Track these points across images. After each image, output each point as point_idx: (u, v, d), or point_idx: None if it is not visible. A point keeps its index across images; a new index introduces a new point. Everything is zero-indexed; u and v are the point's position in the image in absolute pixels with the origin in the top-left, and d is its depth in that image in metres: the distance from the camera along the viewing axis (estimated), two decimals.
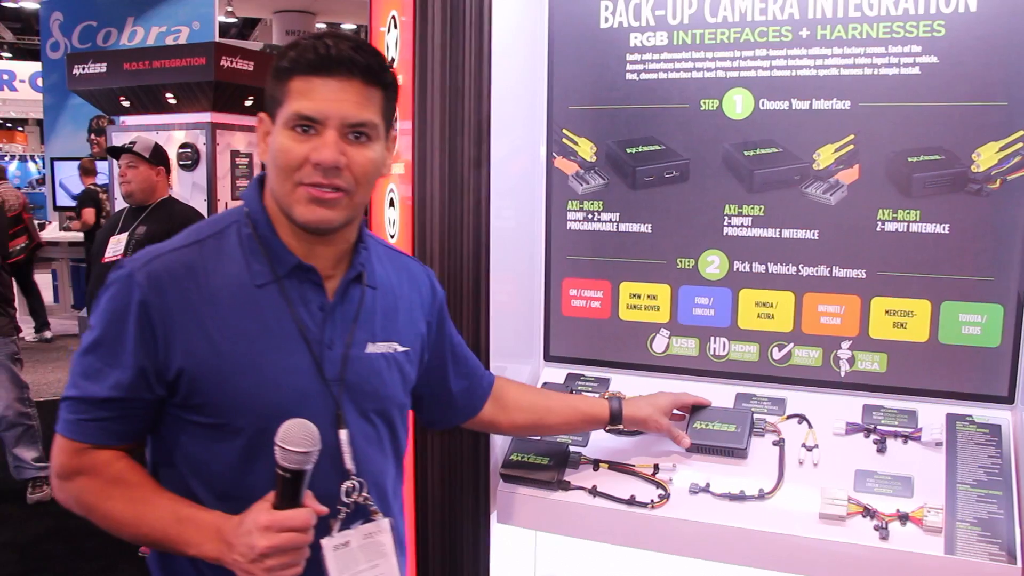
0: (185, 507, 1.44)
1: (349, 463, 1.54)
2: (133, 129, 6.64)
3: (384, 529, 1.59)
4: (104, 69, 6.64)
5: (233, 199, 6.75)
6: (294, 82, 1.45)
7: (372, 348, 1.61)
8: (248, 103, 6.81)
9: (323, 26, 20.11)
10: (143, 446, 1.57)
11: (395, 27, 2.23)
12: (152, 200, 4.48)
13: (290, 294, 1.51)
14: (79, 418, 1.47)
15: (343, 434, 1.53)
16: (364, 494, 1.56)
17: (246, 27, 22.00)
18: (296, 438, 1.33)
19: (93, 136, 8.93)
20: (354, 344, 1.57)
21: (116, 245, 4.36)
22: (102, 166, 8.94)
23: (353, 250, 1.61)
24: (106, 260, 4.36)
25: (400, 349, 1.66)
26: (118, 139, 6.66)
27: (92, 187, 9.07)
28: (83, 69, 6.72)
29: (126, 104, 6.70)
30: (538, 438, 2.17)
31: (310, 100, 1.44)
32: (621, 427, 2.06)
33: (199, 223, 1.59)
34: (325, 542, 1.48)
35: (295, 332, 1.51)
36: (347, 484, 1.54)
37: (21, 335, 5.37)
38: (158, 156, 4.47)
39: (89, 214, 8.52)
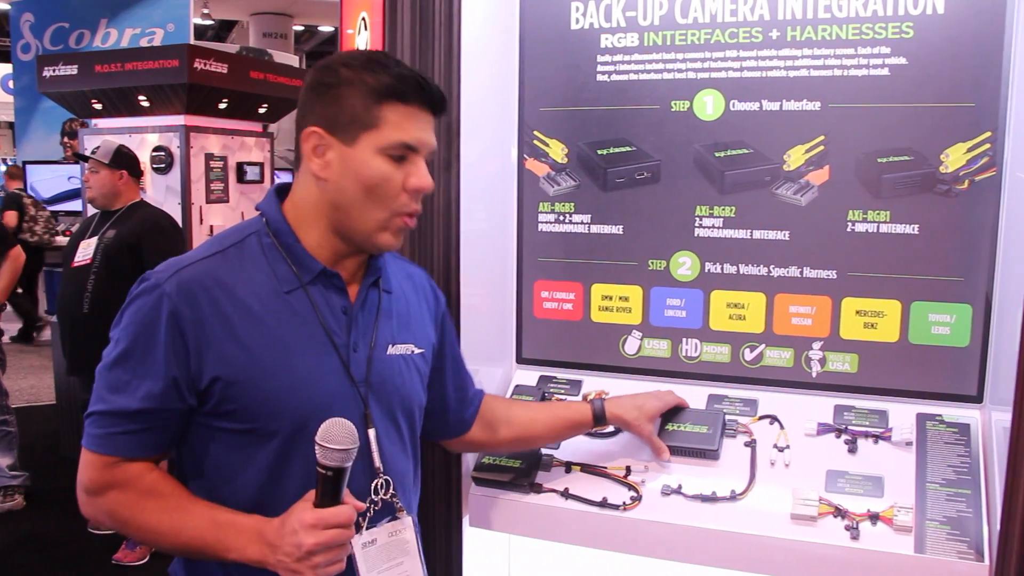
0: (222, 513, 1.46)
1: (378, 461, 1.58)
2: (106, 132, 6.57)
3: (408, 527, 1.63)
4: (75, 71, 6.57)
5: (207, 202, 6.70)
6: (391, 108, 1.50)
7: (392, 350, 1.65)
8: (222, 106, 6.76)
9: (300, 28, 20.05)
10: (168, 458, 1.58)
11: (365, 29, 2.23)
12: (118, 205, 4.45)
13: (316, 299, 1.55)
14: (109, 431, 1.47)
15: (372, 433, 1.57)
16: (391, 492, 1.60)
17: (223, 29, 21.87)
18: (337, 436, 1.36)
19: (66, 139, 8.87)
20: (376, 346, 1.61)
21: (85, 250, 4.34)
22: (75, 170, 8.90)
23: (369, 255, 1.65)
24: (75, 264, 4.33)
25: (416, 351, 1.71)
26: (90, 142, 6.60)
27: (16, 191, 9.13)
28: (54, 71, 6.64)
29: (98, 107, 6.64)
30: None
31: (413, 130, 1.51)
32: (606, 427, 2.07)
33: (219, 234, 1.61)
34: (354, 539, 1.51)
35: (323, 336, 1.54)
36: (376, 482, 1.58)
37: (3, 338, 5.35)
38: (119, 160, 4.42)
39: (11, 217, 8.61)
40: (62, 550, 4.53)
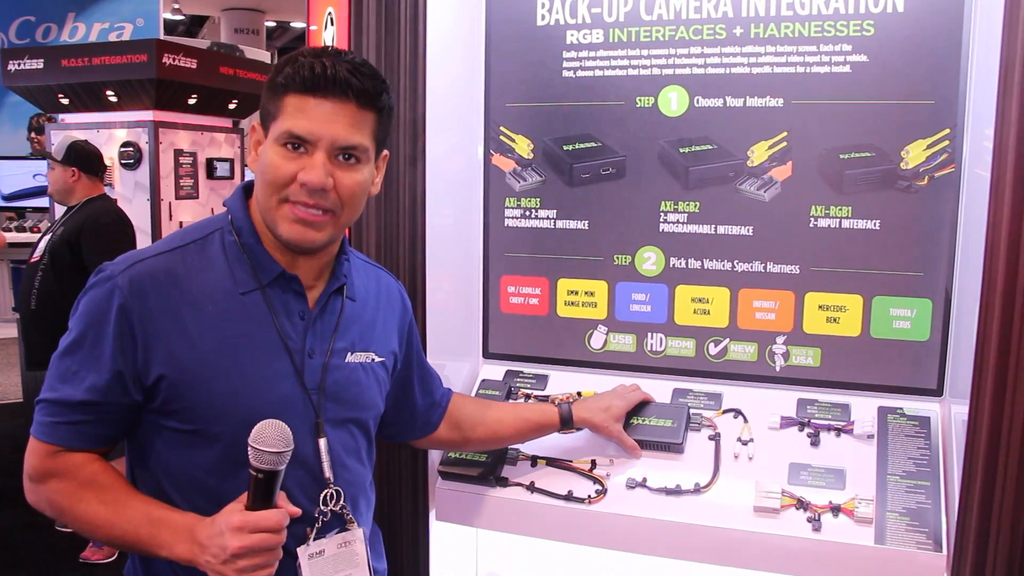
0: (158, 509, 1.44)
1: (328, 471, 1.55)
2: (74, 127, 6.51)
3: (358, 538, 1.60)
4: (41, 65, 6.49)
5: (177, 198, 6.65)
6: (289, 98, 1.46)
7: (351, 358, 1.62)
8: (192, 101, 6.71)
9: (272, 24, 19.92)
10: (117, 450, 1.56)
11: (331, 24, 2.22)
12: (73, 201, 4.42)
13: (273, 303, 1.52)
14: (54, 420, 1.46)
15: (323, 443, 1.54)
16: (341, 503, 1.57)
17: (194, 25, 21.70)
18: (269, 438, 1.33)
19: (33, 135, 8.75)
20: (334, 354, 1.58)
21: (40, 247, 4.36)
22: (41, 166, 8.79)
23: (335, 261, 1.62)
24: (31, 261, 4.34)
25: (377, 359, 1.68)
26: (57, 138, 6.53)
27: None
28: (19, 65, 6.57)
29: (65, 101, 6.57)
30: None
31: (303, 119, 1.45)
32: (573, 431, 2.08)
33: (184, 228, 1.59)
34: (301, 550, 1.50)
35: (277, 340, 1.51)
36: (325, 493, 1.55)
37: None
38: (71, 157, 4.37)
39: None
40: (28, 548, 4.49)
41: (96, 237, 4.24)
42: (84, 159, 4.44)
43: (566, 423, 2.03)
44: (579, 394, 2.24)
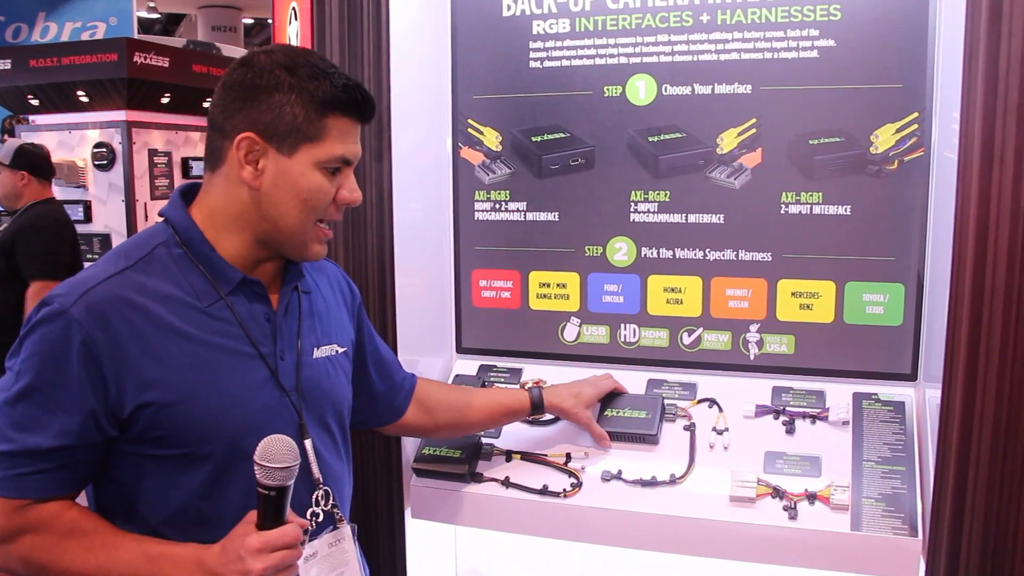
0: (154, 545, 1.37)
1: (317, 472, 1.53)
2: (44, 128, 6.45)
3: (347, 536, 1.59)
4: (8, 66, 6.42)
5: (152, 199, 6.60)
6: (333, 121, 1.44)
7: (318, 353, 1.60)
8: (165, 100, 6.66)
9: (250, 22, 19.81)
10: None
11: (295, 19, 2.19)
12: (20, 205, 4.33)
13: (238, 310, 1.47)
14: (18, 473, 1.35)
15: (308, 444, 1.52)
16: (332, 502, 1.56)
17: (170, 23, 21.53)
18: (278, 454, 1.29)
19: (5, 136, 8.68)
20: (303, 352, 1.55)
21: None
22: None
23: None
24: None
25: (340, 350, 1.66)
26: (27, 139, 6.47)
27: None
28: None
29: (35, 102, 6.50)
30: None
31: (352, 144, 1.48)
32: (543, 416, 2.07)
33: (121, 246, 1.50)
34: None
35: (249, 348, 1.47)
36: (316, 493, 1.53)
37: None
38: (20, 160, 4.29)
39: None
40: None
41: (30, 241, 4.13)
42: (33, 163, 4.35)
43: (536, 407, 2.02)
44: None
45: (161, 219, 1.51)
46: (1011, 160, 1.60)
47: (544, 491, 2.02)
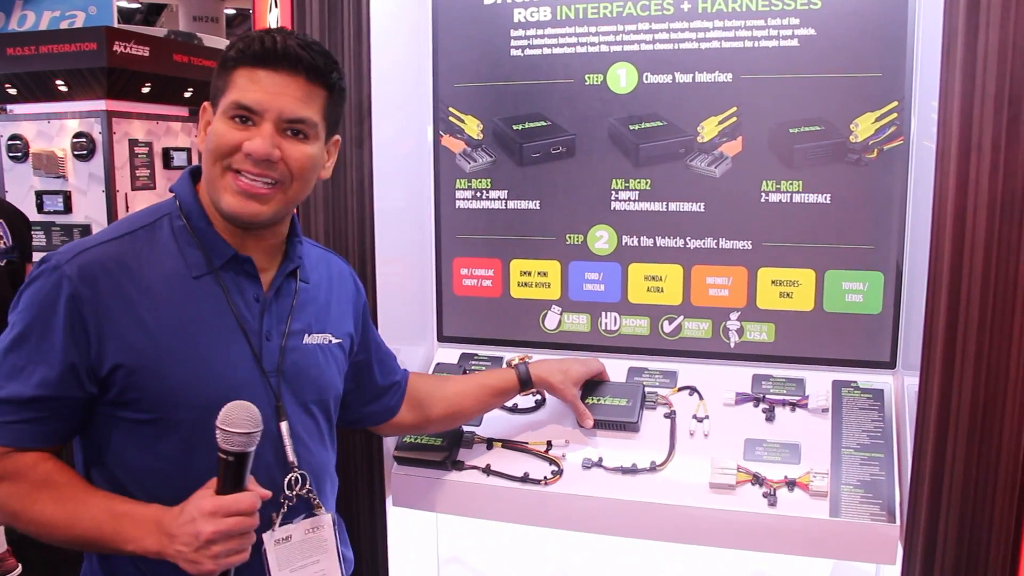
0: (120, 503, 1.39)
1: (291, 455, 1.53)
2: (22, 118, 6.39)
3: (327, 524, 1.59)
4: None
5: (133, 189, 6.55)
6: (238, 73, 1.45)
7: (308, 339, 1.61)
8: (145, 90, 6.60)
9: (232, 12, 19.67)
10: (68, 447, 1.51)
11: (276, 6, 2.18)
12: None
13: (227, 285, 1.50)
14: (1, 420, 1.40)
15: (284, 426, 1.52)
16: (307, 487, 1.55)
17: (151, 13, 21.35)
18: (238, 419, 1.30)
19: None
20: (291, 335, 1.56)
21: None
22: None
23: (287, 243, 1.61)
24: None
25: (334, 341, 1.67)
26: (6, 129, 6.41)
27: None
28: None
29: (12, 91, 6.43)
30: None
31: (252, 91, 1.43)
32: (532, 390, 2.07)
33: (130, 215, 1.55)
34: (267, 536, 1.48)
35: (233, 323, 1.49)
36: (290, 477, 1.53)
37: None
38: None
39: None
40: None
41: None
42: None
43: (525, 384, 2.02)
44: None
45: (171, 194, 1.56)
46: (988, 149, 1.61)
47: (525, 479, 2.02)
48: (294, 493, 1.53)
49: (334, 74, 1.51)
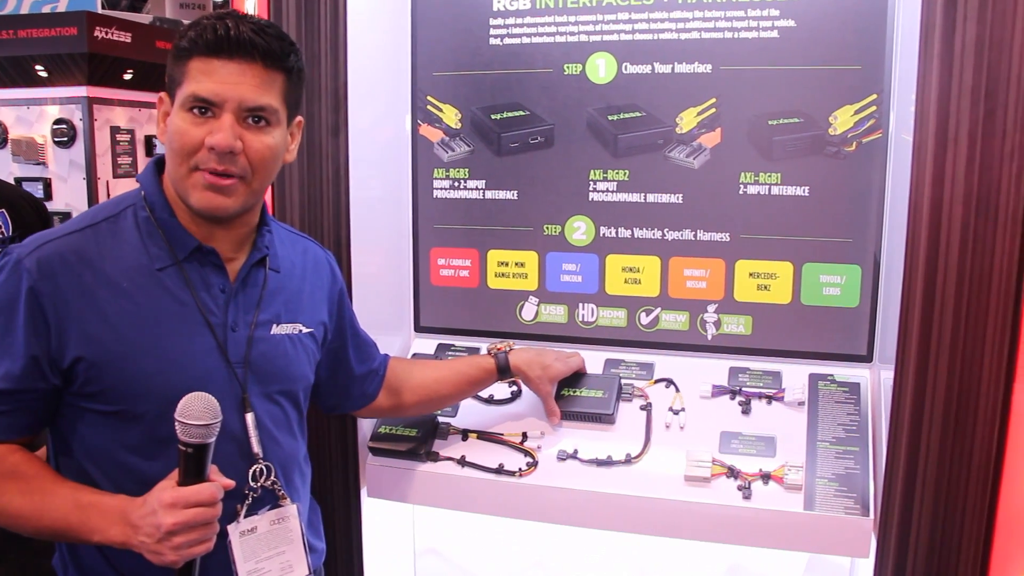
0: (86, 493, 1.40)
1: (256, 447, 1.52)
2: (1, 104, 6.31)
3: (292, 515, 1.58)
4: None
5: (115, 177, 6.49)
6: (193, 63, 1.42)
7: (277, 329, 1.60)
8: (127, 76, 6.53)
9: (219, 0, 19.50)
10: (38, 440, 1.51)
11: None
12: None
13: (191, 277, 1.49)
14: None
15: (249, 418, 1.52)
16: (272, 479, 1.55)
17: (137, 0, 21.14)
18: (196, 411, 1.31)
19: None
20: (259, 326, 1.55)
21: None
22: None
23: (256, 232, 1.59)
24: None
25: (305, 330, 1.66)
26: None
27: None
28: None
29: None
30: None
31: (208, 82, 1.41)
32: (510, 382, 2.08)
33: (95, 207, 1.54)
34: (231, 528, 1.48)
35: (197, 315, 1.48)
36: (254, 468, 1.52)
37: None
38: None
39: None
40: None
41: None
42: None
43: (503, 372, 2.01)
44: None
45: (137, 185, 1.55)
46: (964, 142, 1.61)
47: (500, 470, 2.01)
48: (259, 484, 1.53)
49: (291, 57, 1.49)
